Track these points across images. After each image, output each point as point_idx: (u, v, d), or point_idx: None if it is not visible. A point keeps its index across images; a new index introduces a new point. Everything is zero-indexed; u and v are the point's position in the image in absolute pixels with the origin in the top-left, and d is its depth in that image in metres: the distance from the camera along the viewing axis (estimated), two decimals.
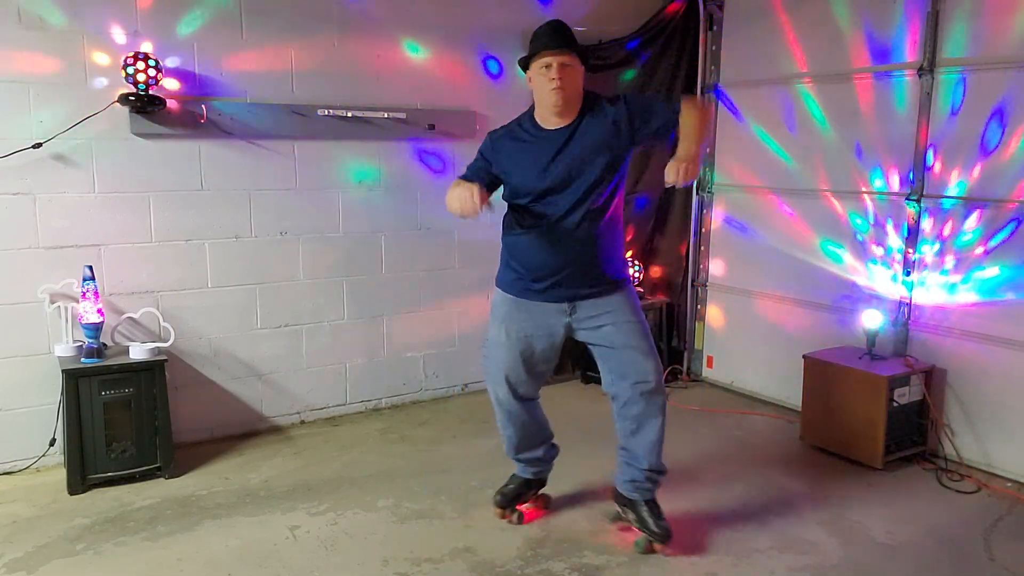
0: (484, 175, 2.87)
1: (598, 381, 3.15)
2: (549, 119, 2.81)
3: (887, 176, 3.96)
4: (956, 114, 3.65)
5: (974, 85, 3.59)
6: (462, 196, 2.65)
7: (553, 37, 2.73)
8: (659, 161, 4.92)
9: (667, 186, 2.59)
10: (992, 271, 3.58)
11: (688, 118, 2.70)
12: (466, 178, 2.84)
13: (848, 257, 4.18)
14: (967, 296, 3.68)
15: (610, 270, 2.88)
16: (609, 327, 2.87)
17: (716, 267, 4.96)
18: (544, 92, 2.74)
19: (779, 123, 4.45)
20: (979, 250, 3.62)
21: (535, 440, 3.12)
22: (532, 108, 2.88)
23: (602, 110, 2.79)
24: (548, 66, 2.70)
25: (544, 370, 3.03)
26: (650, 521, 2.94)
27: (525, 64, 2.81)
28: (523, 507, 3.20)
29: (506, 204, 2.92)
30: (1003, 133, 3.49)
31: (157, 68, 3.48)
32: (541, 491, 3.27)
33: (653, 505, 2.98)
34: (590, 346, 2.96)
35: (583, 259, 2.82)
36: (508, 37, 4.47)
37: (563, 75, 2.70)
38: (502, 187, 2.90)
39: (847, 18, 4.05)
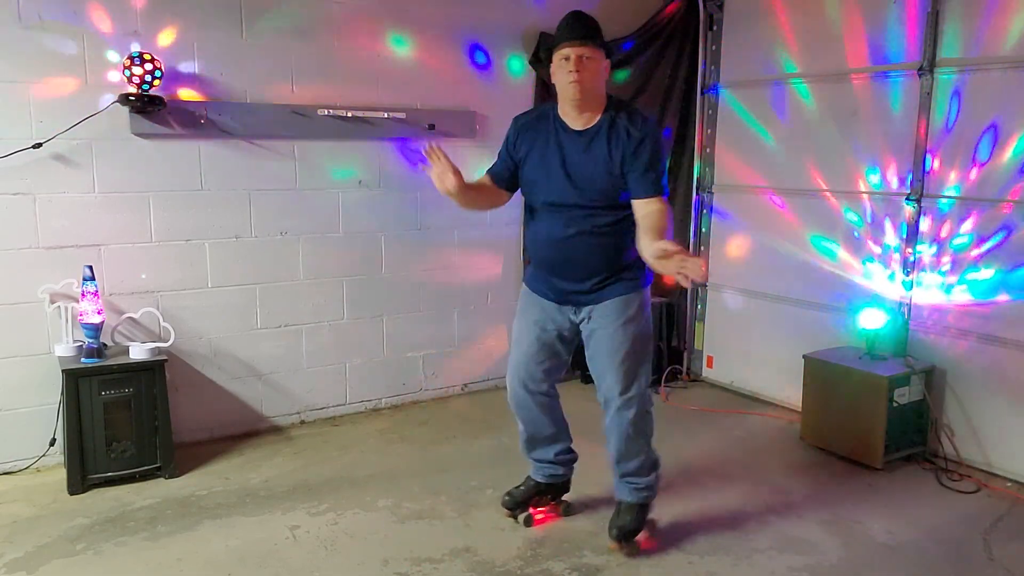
0: (507, 162, 2.88)
1: None
2: (570, 114, 2.75)
3: (886, 176, 3.96)
4: (956, 114, 3.65)
5: (974, 85, 3.59)
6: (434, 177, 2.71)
7: (574, 28, 2.65)
8: None
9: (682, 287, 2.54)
10: (990, 271, 3.58)
11: (661, 215, 2.64)
12: (492, 170, 2.93)
13: (848, 257, 4.18)
14: (966, 296, 3.68)
15: (611, 276, 2.80)
16: (597, 332, 2.84)
17: (716, 266, 4.96)
18: (563, 85, 2.69)
19: (779, 123, 4.45)
20: (977, 250, 3.62)
21: (543, 438, 3.08)
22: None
23: (621, 130, 2.70)
24: (567, 58, 2.64)
25: (551, 365, 2.97)
26: (614, 516, 2.99)
27: (548, 56, 2.76)
28: (535, 510, 3.15)
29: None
30: (1003, 133, 3.48)
31: (158, 68, 3.48)
32: (562, 498, 3.22)
33: (629, 507, 2.97)
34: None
35: (582, 261, 2.78)
36: (506, 38, 4.46)
37: (581, 68, 2.62)
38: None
39: (847, 18, 4.05)
